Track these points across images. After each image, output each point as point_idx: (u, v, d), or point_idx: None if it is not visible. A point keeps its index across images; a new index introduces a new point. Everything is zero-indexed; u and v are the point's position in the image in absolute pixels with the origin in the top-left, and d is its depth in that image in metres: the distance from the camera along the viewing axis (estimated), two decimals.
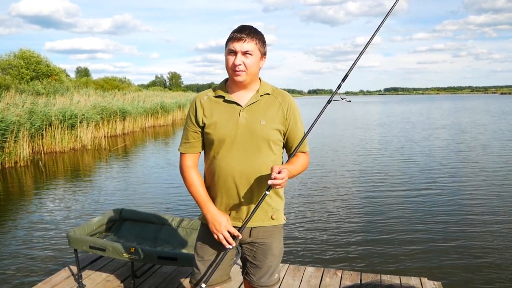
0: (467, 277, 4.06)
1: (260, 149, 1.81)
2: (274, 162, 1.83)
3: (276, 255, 1.97)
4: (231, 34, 1.76)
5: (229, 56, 1.76)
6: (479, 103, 57.89)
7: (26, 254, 4.85)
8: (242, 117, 1.79)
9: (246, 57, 1.74)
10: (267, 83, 1.91)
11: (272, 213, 1.91)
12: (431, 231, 5.33)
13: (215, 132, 1.80)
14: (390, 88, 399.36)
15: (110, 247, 2.97)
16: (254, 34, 1.76)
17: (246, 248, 1.95)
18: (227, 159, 1.80)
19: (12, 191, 8.21)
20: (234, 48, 1.73)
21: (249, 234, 1.90)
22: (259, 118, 1.80)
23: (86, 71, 66.27)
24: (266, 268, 1.95)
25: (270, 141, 1.82)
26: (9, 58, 31.98)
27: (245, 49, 1.73)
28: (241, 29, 1.76)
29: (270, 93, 1.87)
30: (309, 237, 5.25)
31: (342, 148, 13.47)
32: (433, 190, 7.49)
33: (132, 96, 25.21)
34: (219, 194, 1.85)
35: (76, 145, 14.00)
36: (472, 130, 18.29)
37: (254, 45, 1.75)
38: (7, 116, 10.74)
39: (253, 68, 1.77)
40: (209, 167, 1.88)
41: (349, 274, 3.44)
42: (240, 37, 1.73)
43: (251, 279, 1.97)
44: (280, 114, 1.85)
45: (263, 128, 1.80)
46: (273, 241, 1.94)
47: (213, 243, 1.88)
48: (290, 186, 8.00)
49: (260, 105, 1.83)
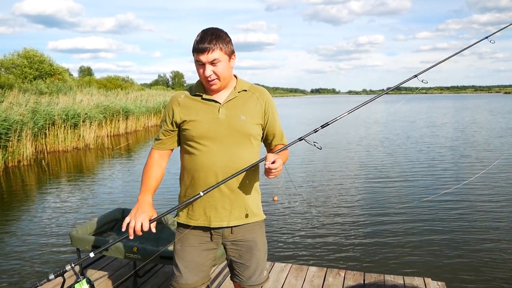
0: (471, 278, 4.04)
1: (241, 144, 1.81)
2: (254, 157, 1.85)
3: (261, 249, 1.96)
4: (194, 44, 1.72)
5: (198, 67, 1.75)
6: (482, 102, 57.72)
7: (29, 253, 4.86)
8: (222, 113, 1.80)
9: (214, 65, 1.72)
10: (244, 80, 1.91)
11: (253, 209, 1.91)
12: (435, 231, 5.30)
13: (195, 129, 1.79)
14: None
15: (112, 247, 2.96)
16: (216, 40, 1.71)
17: (230, 248, 1.93)
18: (208, 155, 1.79)
19: (15, 190, 8.23)
20: (200, 60, 1.72)
21: (231, 232, 1.88)
22: (238, 113, 1.81)
23: (89, 70, 66.51)
24: (254, 266, 1.94)
25: (251, 136, 1.83)
26: (13, 58, 32.12)
27: (212, 59, 1.71)
28: (203, 38, 1.71)
29: (247, 90, 1.88)
30: (312, 237, 5.23)
31: (345, 148, 13.43)
32: (437, 189, 7.45)
33: (135, 95, 25.25)
34: (199, 191, 1.81)
35: (79, 144, 14.02)
36: (477, 130, 18.21)
37: (219, 51, 1.71)
38: (11, 115, 10.77)
39: (225, 73, 1.76)
40: (188, 164, 1.86)
41: (352, 274, 3.42)
42: (204, 48, 1.69)
43: (240, 280, 1.95)
44: (259, 109, 1.86)
45: (243, 123, 1.81)
46: (256, 236, 1.94)
47: (193, 244, 1.88)
48: (292, 185, 7.98)
49: (239, 101, 1.84)
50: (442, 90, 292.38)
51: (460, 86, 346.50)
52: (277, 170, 1.69)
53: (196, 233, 1.88)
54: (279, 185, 7.98)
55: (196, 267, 1.89)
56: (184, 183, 1.90)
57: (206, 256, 1.91)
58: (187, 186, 1.88)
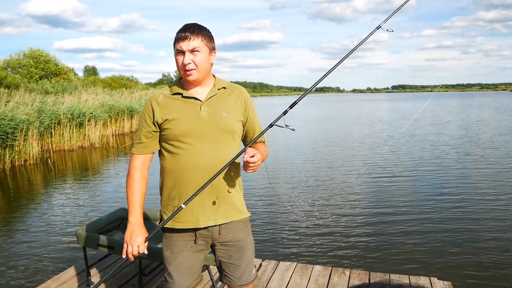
0: (477, 277, 4.02)
1: (224, 141, 1.81)
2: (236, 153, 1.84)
3: (250, 248, 1.96)
4: (176, 34, 1.74)
5: (178, 56, 1.75)
6: (488, 100, 57.35)
7: (35, 251, 4.89)
8: (204, 111, 1.79)
9: (194, 54, 1.73)
10: (221, 79, 1.92)
11: (238, 207, 1.90)
12: (441, 230, 5.28)
13: (177, 127, 1.77)
14: (397, 86, 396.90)
15: (118, 245, 2.98)
16: (199, 30, 1.74)
17: (220, 249, 1.91)
18: (193, 153, 1.77)
19: (21, 189, 8.28)
20: (181, 48, 1.72)
21: (219, 232, 1.87)
22: (220, 110, 1.81)
23: (94, 70, 66.74)
24: (244, 266, 1.93)
25: (233, 132, 1.83)
26: (19, 58, 32.34)
27: (192, 47, 1.71)
28: (185, 28, 1.74)
29: (226, 87, 1.88)
30: (317, 235, 5.23)
31: (349, 146, 13.40)
32: (443, 188, 7.42)
33: (140, 94, 25.34)
34: (184, 191, 1.79)
35: (84, 143, 14.09)
36: (484, 129, 18.10)
37: (201, 42, 1.73)
38: (17, 114, 10.84)
39: (203, 64, 1.76)
40: (171, 165, 1.82)
41: (358, 273, 3.42)
42: (185, 36, 1.71)
43: (231, 280, 1.94)
44: (239, 106, 1.87)
45: (226, 120, 1.80)
46: (245, 235, 1.93)
47: (183, 250, 1.86)
48: (297, 184, 7.98)
49: (219, 98, 1.83)
50: (447, 88, 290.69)
51: (465, 84, 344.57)
52: (256, 165, 1.69)
53: (183, 237, 1.86)
54: (280, 183, 7.99)
55: (188, 271, 1.89)
56: (167, 186, 1.85)
57: (196, 258, 1.90)
58: (171, 188, 1.84)
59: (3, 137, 9.93)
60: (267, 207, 6.47)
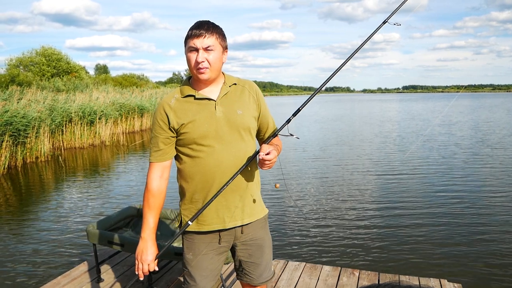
0: (489, 280, 3.97)
1: (242, 139, 1.78)
2: (255, 150, 1.82)
3: (269, 246, 1.97)
4: (189, 31, 1.69)
5: (191, 54, 1.70)
6: (500, 101, 56.62)
7: (46, 247, 4.94)
8: (219, 111, 1.75)
9: (208, 53, 1.68)
10: (231, 75, 1.88)
11: (260, 203, 1.90)
12: (451, 232, 5.23)
13: (195, 130, 1.72)
14: (408, 86, 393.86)
15: (128, 243, 3.00)
16: (214, 28, 1.70)
17: (240, 249, 1.89)
18: (214, 155, 1.73)
19: (32, 186, 8.38)
20: (194, 45, 1.66)
21: (241, 231, 1.86)
22: (234, 108, 1.77)
23: (105, 68, 67.26)
24: (264, 263, 1.93)
25: (250, 128, 1.80)
26: (31, 56, 32.68)
27: (206, 45, 1.67)
28: (199, 25, 1.69)
29: (236, 83, 1.84)
30: (326, 235, 5.21)
31: (359, 146, 13.33)
32: (454, 190, 7.34)
33: (150, 93, 25.44)
34: (208, 193, 1.76)
35: (95, 141, 14.21)
36: (495, 131, 17.88)
37: (215, 40, 1.69)
38: (29, 112, 10.97)
39: (216, 63, 1.71)
40: (191, 169, 1.77)
41: (367, 274, 3.39)
42: (200, 33, 1.66)
43: (251, 279, 1.94)
44: (252, 101, 1.84)
45: (241, 117, 1.77)
46: (264, 233, 1.93)
47: (206, 252, 1.85)
48: (307, 184, 7.96)
49: (232, 95, 1.80)
50: (458, 89, 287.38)
51: (477, 84, 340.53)
52: (271, 162, 1.67)
53: (206, 239, 1.84)
54: (289, 182, 7.97)
55: (211, 273, 1.87)
56: (188, 189, 1.81)
57: (218, 260, 1.89)
58: (193, 191, 1.79)
59: (15, 134, 10.06)
60: (276, 206, 6.46)
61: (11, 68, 28.65)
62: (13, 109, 10.47)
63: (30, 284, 4.00)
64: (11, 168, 9.85)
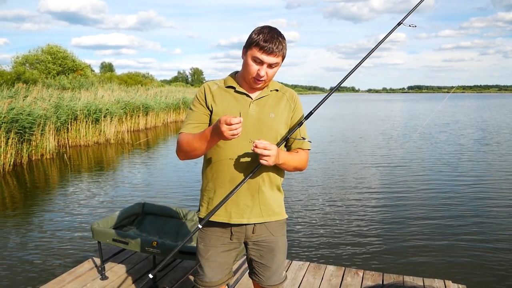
0: (494, 282, 3.95)
1: (266, 140, 1.74)
2: None
3: (283, 252, 1.95)
4: (261, 43, 1.66)
5: (254, 63, 1.71)
6: (506, 101, 56.23)
7: (51, 245, 4.97)
8: (252, 109, 1.78)
9: (271, 68, 1.72)
10: (275, 81, 1.90)
11: (274, 208, 1.88)
12: (456, 232, 5.21)
13: None
14: (414, 86, 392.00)
15: (132, 241, 3.01)
16: (283, 46, 1.71)
17: (252, 248, 1.91)
18: (234, 149, 1.75)
19: (38, 183, 8.42)
20: (262, 59, 1.68)
21: (252, 231, 1.86)
22: (268, 111, 1.80)
23: (110, 66, 67.42)
24: (275, 267, 1.93)
25: (278, 133, 1.81)
26: (37, 53, 32.80)
27: (273, 62, 1.70)
28: (271, 39, 1.67)
29: (278, 89, 1.87)
30: (331, 235, 5.20)
31: (363, 146, 13.30)
32: (460, 191, 7.31)
33: (155, 91, 25.49)
34: (220, 184, 1.79)
35: (100, 139, 14.26)
36: (500, 132, 17.77)
37: (281, 58, 1.74)
38: (34, 110, 11.01)
39: (273, 76, 1.78)
40: (212, 156, 1.81)
41: (371, 274, 3.39)
42: (271, 50, 1.67)
43: (260, 279, 1.95)
44: (288, 109, 1.85)
45: (272, 120, 1.80)
46: (278, 238, 1.92)
47: (216, 245, 1.88)
48: (311, 184, 7.95)
49: (269, 99, 1.83)
50: (464, 90, 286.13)
51: (483, 85, 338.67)
52: (265, 155, 1.60)
53: (218, 233, 1.87)
54: (292, 182, 7.96)
55: (219, 266, 1.90)
56: (206, 176, 1.87)
57: (228, 255, 1.91)
58: (209, 179, 1.85)
59: (21, 131, 10.11)
60: None
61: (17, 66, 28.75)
62: (19, 107, 10.52)
63: (34, 280, 4.02)
64: (17, 165, 9.90)
